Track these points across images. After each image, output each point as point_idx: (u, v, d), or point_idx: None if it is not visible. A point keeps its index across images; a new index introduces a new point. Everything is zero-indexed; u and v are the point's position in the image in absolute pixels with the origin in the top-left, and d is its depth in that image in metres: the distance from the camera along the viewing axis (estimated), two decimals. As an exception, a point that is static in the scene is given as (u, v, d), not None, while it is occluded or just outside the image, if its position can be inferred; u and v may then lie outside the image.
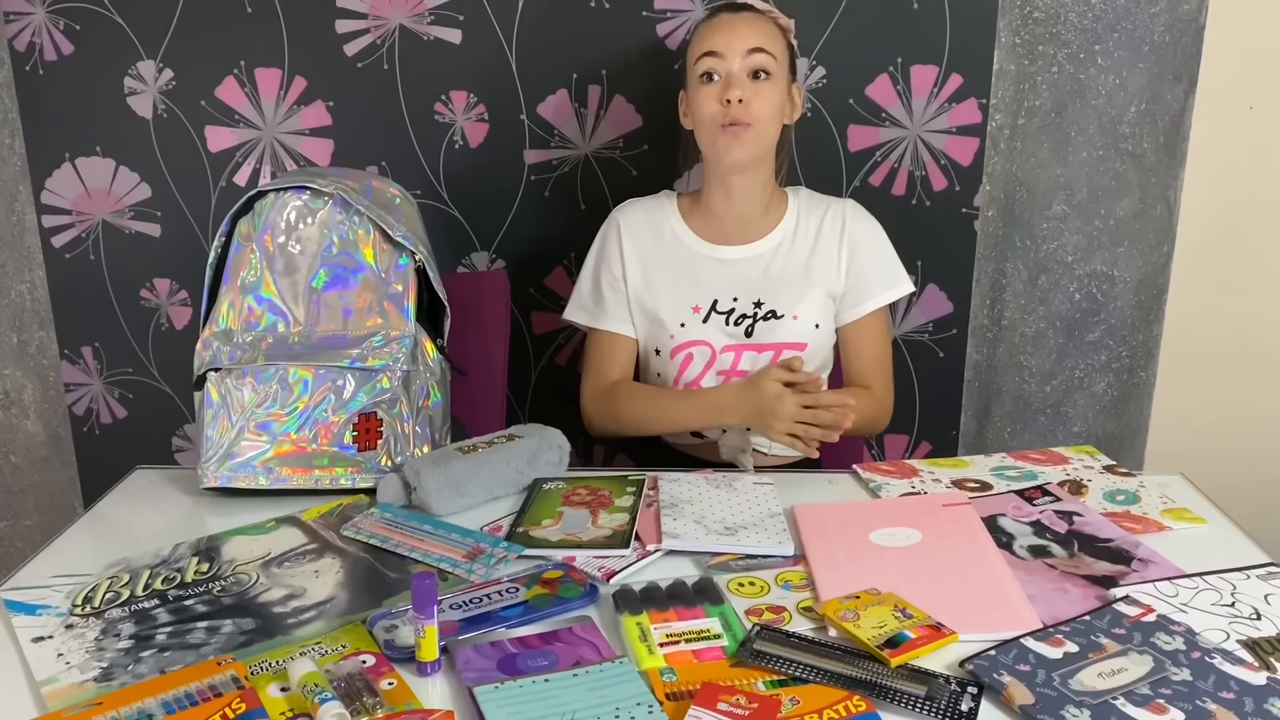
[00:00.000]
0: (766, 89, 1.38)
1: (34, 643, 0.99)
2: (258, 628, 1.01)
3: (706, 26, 1.42)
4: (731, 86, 1.37)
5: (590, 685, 0.90)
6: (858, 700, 0.88)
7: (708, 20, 1.44)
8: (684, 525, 1.18)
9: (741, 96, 1.36)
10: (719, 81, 1.39)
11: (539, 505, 1.25)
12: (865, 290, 1.46)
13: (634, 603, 1.03)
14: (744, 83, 1.38)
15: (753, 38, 1.38)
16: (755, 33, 1.39)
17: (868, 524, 1.18)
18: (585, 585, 1.06)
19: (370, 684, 0.91)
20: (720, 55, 1.38)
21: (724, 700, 0.87)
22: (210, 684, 0.91)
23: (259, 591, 1.07)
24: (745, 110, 1.36)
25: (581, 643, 0.98)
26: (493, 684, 0.90)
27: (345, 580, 1.10)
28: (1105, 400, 1.83)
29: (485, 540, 1.16)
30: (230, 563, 1.13)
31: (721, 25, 1.40)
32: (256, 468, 1.28)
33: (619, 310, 1.48)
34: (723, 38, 1.39)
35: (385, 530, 1.19)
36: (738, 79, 1.38)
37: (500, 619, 1.01)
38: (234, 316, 1.32)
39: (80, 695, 0.91)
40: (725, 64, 1.38)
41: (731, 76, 1.38)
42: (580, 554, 1.13)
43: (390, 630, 0.99)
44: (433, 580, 0.93)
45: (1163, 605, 0.99)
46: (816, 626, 1.00)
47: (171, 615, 1.03)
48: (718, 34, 1.40)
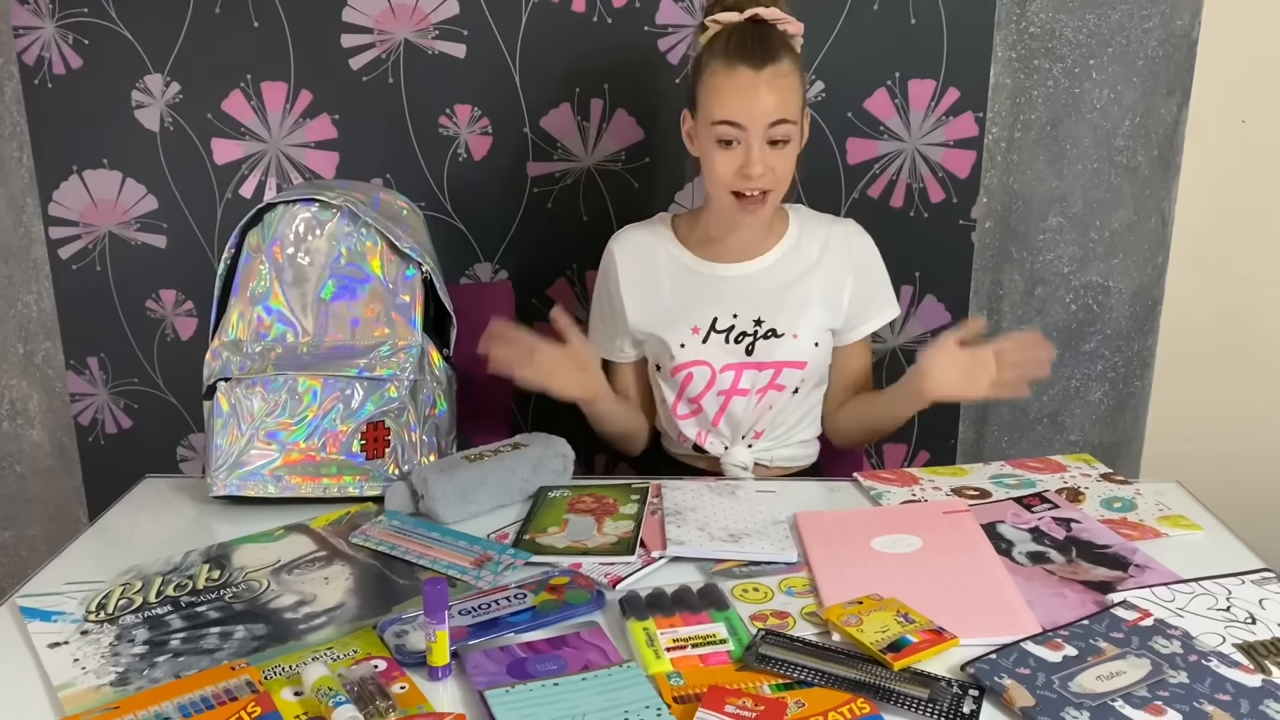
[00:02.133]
0: (786, 153, 1.35)
1: (50, 648, 1.00)
2: (270, 633, 1.03)
3: (725, 84, 1.32)
4: (753, 163, 1.32)
5: (599, 689, 0.92)
6: (861, 703, 0.90)
7: (726, 72, 1.32)
8: (688, 532, 1.20)
9: (763, 170, 1.33)
10: (738, 150, 1.33)
11: (545, 513, 1.26)
12: (865, 314, 1.48)
13: (640, 608, 1.05)
14: (765, 154, 1.33)
15: (775, 108, 1.31)
16: (777, 100, 1.31)
17: (869, 531, 1.19)
18: (592, 591, 1.08)
19: (382, 688, 0.92)
20: (741, 127, 1.32)
21: (731, 703, 0.88)
22: (225, 688, 0.92)
23: (270, 598, 1.09)
24: (764, 181, 1.34)
25: (589, 647, 0.99)
26: (504, 688, 0.92)
27: (355, 586, 1.11)
28: (1101, 409, 1.86)
29: (492, 547, 1.18)
30: (241, 570, 1.15)
31: (743, 90, 1.31)
32: (265, 476, 1.29)
33: (614, 341, 1.50)
34: (743, 106, 1.31)
35: (393, 537, 1.21)
36: (759, 153, 1.32)
37: (509, 624, 1.03)
38: (244, 327, 1.33)
39: (97, 699, 0.92)
40: (746, 134, 1.32)
41: (752, 151, 1.32)
42: (586, 560, 1.15)
43: (401, 635, 1.01)
44: (444, 586, 0.95)
45: (1160, 610, 1.01)
46: (820, 631, 1.02)
47: (184, 621, 1.05)
48: (738, 101, 1.31)
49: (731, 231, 1.44)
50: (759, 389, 1.43)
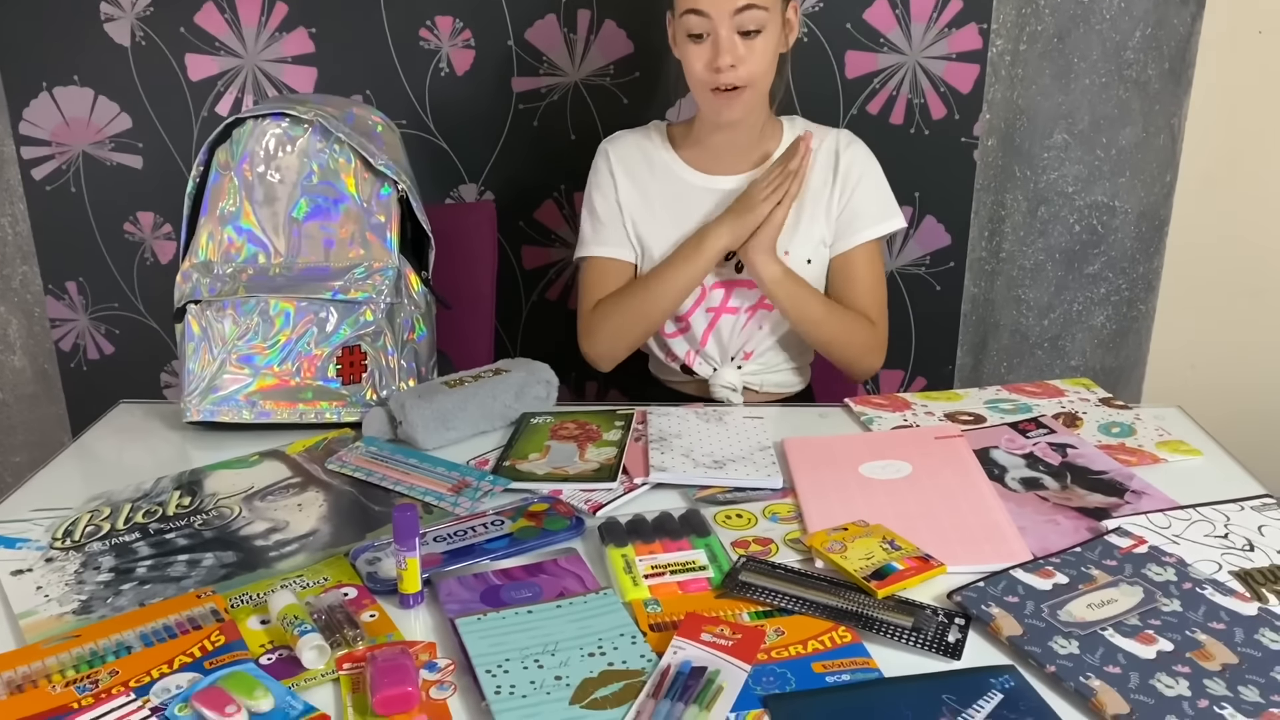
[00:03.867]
0: (759, 44, 1.29)
1: (12, 575, 0.98)
2: (239, 561, 1.00)
3: None
4: (721, 53, 1.28)
5: (574, 616, 0.89)
6: (843, 631, 0.87)
7: None
8: (672, 459, 1.16)
9: (732, 62, 1.28)
10: (706, 42, 1.29)
11: (526, 439, 1.23)
12: (857, 222, 1.42)
13: (620, 535, 1.02)
14: (733, 45, 1.28)
15: None
16: None
17: (857, 457, 1.16)
18: (571, 518, 1.05)
19: (351, 616, 0.90)
20: (705, 15, 1.27)
21: (708, 631, 0.86)
22: (190, 616, 0.90)
23: (241, 525, 1.06)
24: (735, 75, 1.29)
25: (566, 575, 0.97)
26: (475, 615, 0.89)
27: (329, 513, 1.08)
28: (1104, 334, 1.81)
29: (471, 474, 1.15)
30: (212, 496, 1.12)
31: None
32: (240, 401, 1.26)
33: (616, 233, 1.44)
34: None
35: (370, 464, 1.18)
36: (726, 42, 1.27)
37: (485, 551, 1.00)
38: (213, 248, 1.29)
39: (59, 627, 0.90)
40: (712, 24, 1.28)
41: (720, 40, 1.28)
42: (567, 487, 1.12)
43: (373, 563, 0.98)
44: (414, 512, 0.91)
45: (1155, 537, 0.98)
46: (803, 558, 0.99)
47: (152, 549, 1.02)
48: None
49: (717, 133, 1.39)
50: (748, 307, 1.38)
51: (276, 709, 0.79)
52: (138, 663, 0.84)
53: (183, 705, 0.79)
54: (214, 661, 0.84)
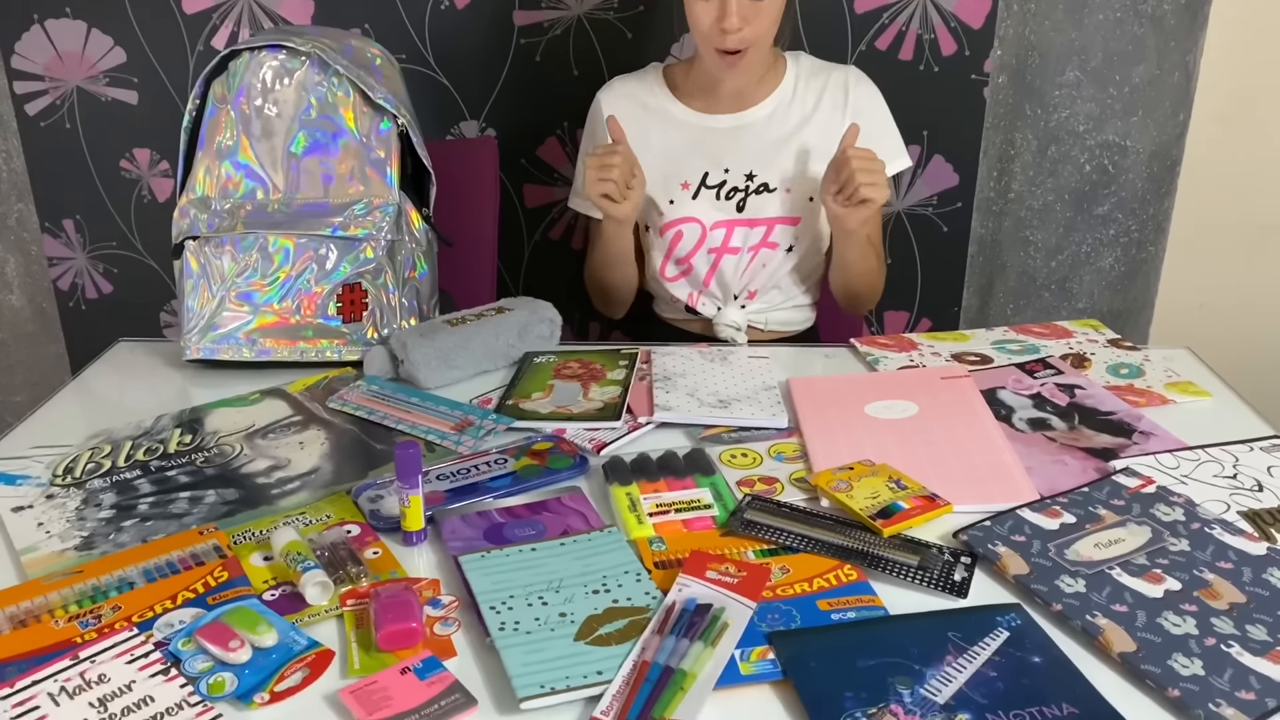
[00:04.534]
0: (766, 4, 1.26)
1: (13, 512, 0.97)
2: (241, 498, 0.99)
3: None
4: (728, 14, 1.24)
5: (578, 554, 0.89)
6: (849, 569, 0.87)
7: None
8: (676, 398, 1.15)
9: (739, 24, 1.24)
10: (715, 1, 1.26)
11: (529, 378, 1.22)
12: None
13: (624, 473, 1.01)
14: (743, 5, 1.24)
15: None
16: None
17: (863, 396, 1.15)
18: (575, 457, 1.04)
19: (354, 553, 0.89)
20: None
21: (713, 568, 0.85)
22: (192, 552, 0.90)
23: (242, 463, 1.06)
24: (741, 37, 1.26)
25: (570, 513, 0.96)
26: (479, 553, 0.89)
27: (330, 452, 1.08)
28: (1112, 276, 1.79)
29: (474, 413, 1.14)
30: (214, 434, 1.11)
31: None
32: (240, 339, 1.25)
33: None
34: None
35: (372, 403, 1.17)
36: (735, 4, 1.24)
37: (488, 489, 0.99)
38: (210, 183, 1.27)
39: (61, 564, 0.89)
40: None
41: (729, 1, 1.24)
42: (570, 426, 1.11)
43: (375, 500, 0.98)
44: (416, 449, 0.91)
45: (1163, 477, 0.97)
46: (809, 497, 0.98)
47: (153, 486, 1.02)
48: None
49: (719, 84, 1.36)
50: (750, 247, 1.36)
51: (280, 644, 0.79)
52: (140, 598, 0.84)
53: (186, 640, 0.79)
54: (217, 597, 0.84)
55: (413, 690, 0.74)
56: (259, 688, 0.75)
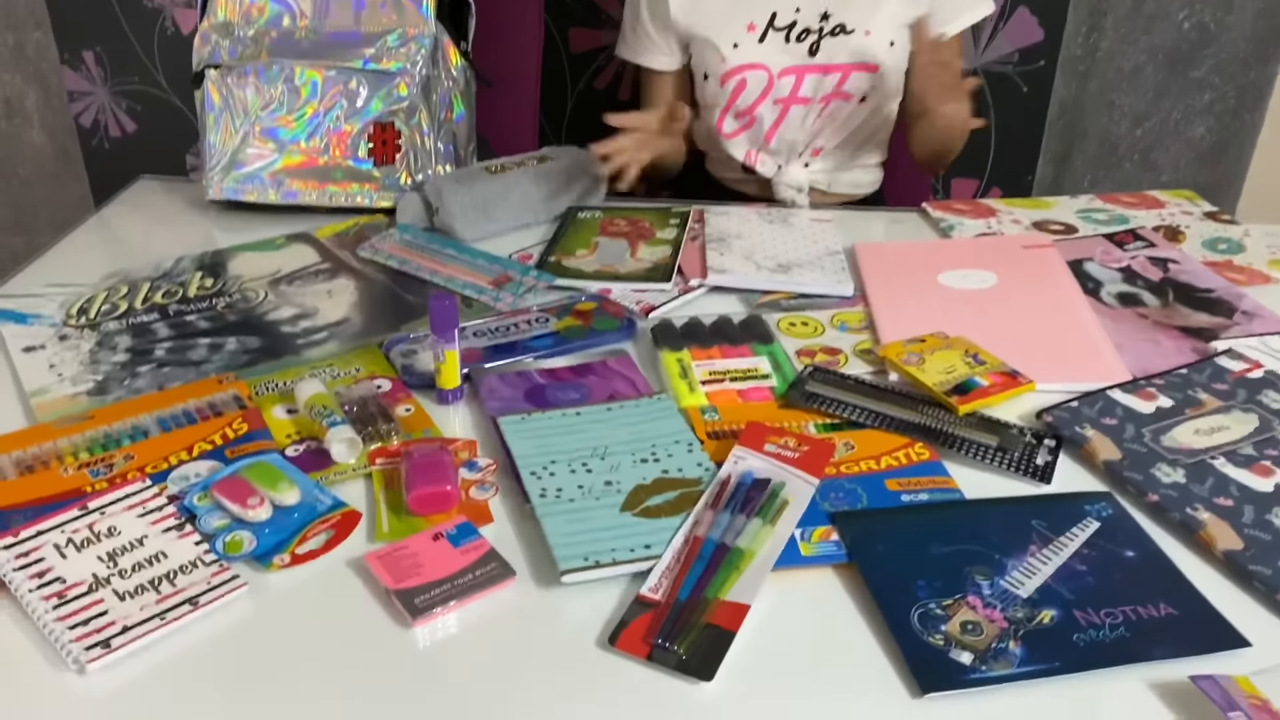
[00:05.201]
0: None
1: (24, 352, 0.91)
2: (264, 347, 0.93)
3: None
4: None
5: (625, 420, 0.82)
6: (920, 448, 0.79)
7: None
8: (732, 260, 1.06)
9: None
10: None
11: (573, 234, 1.13)
12: (946, 8, 1.25)
13: (674, 338, 0.93)
14: None
15: None
16: None
17: (937, 265, 1.06)
18: (621, 319, 0.97)
19: (385, 409, 0.83)
20: None
21: (771, 441, 0.78)
22: (211, 402, 0.83)
23: (267, 310, 0.99)
24: None
25: (616, 377, 0.89)
26: (519, 415, 0.82)
27: (361, 302, 1.00)
28: (1202, 147, 1.65)
29: (513, 268, 1.06)
30: (236, 279, 1.04)
31: None
32: (265, 180, 1.16)
33: (656, 41, 1.29)
34: None
35: (405, 252, 1.09)
36: None
37: (528, 349, 0.92)
38: (233, 7, 1.16)
39: (72, 408, 0.84)
40: None
41: None
42: (617, 286, 1.03)
43: (408, 355, 0.91)
44: (453, 302, 0.83)
45: (1271, 361, 0.88)
46: (875, 370, 0.90)
47: (171, 330, 0.95)
48: None
49: None
50: (822, 96, 1.24)
51: (303, 502, 0.73)
52: (155, 448, 0.78)
53: (202, 494, 0.73)
54: (236, 451, 0.78)
55: (445, 557, 0.68)
56: (279, 549, 0.70)
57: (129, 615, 0.63)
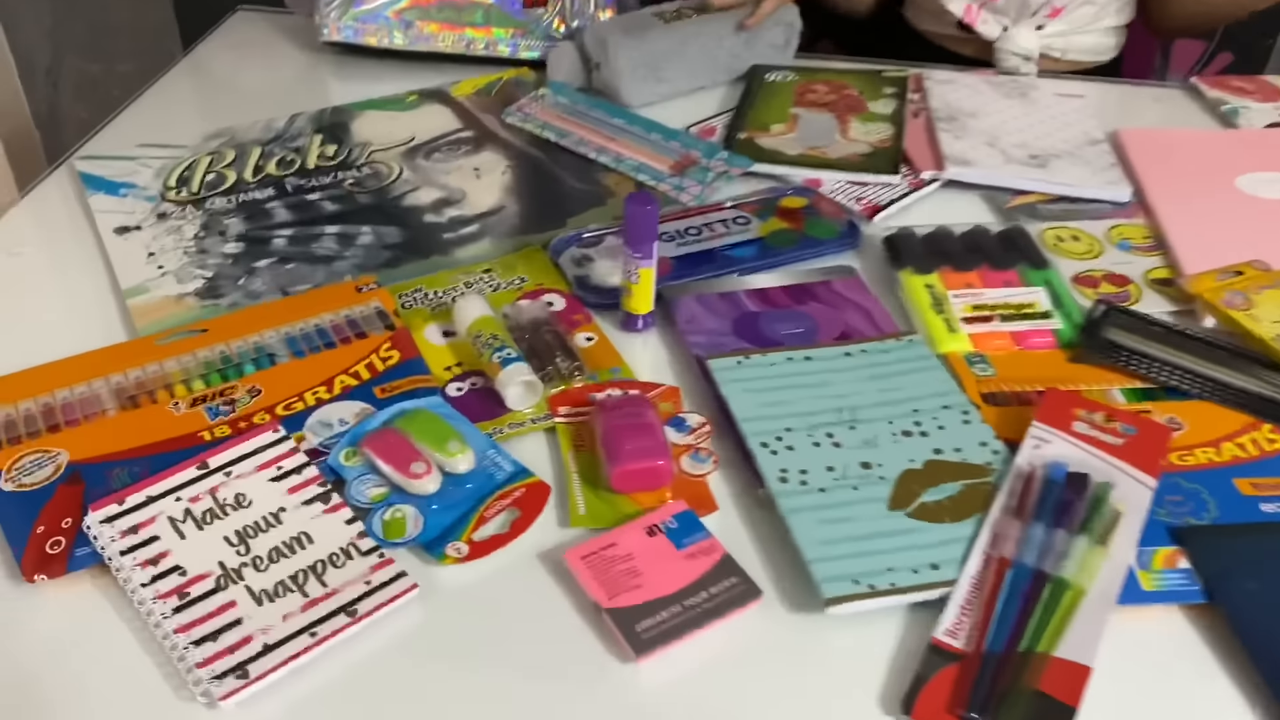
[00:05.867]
0: None
1: (117, 234, 0.75)
2: (405, 241, 0.75)
3: None
4: None
5: (871, 371, 0.63)
6: (1270, 431, 0.60)
7: None
8: (973, 146, 0.85)
9: None
10: None
11: (764, 103, 0.92)
12: None
13: (917, 254, 0.73)
14: None
15: None
16: None
17: (1232, 164, 0.83)
18: (842, 222, 0.77)
19: (563, 338, 0.66)
20: None
21: (1080, 418, 0.60)
22: (349, 317, 0.67)
23: (404, 190, 0.81)
24: None
25: (846, 305, 0.70)
26: (732, 356, 0.64)
27: (515, 185, 0.82)
28: None
29: (696, 145, 0.86)
30: (363, 147, 0.85)
31: None
32: (390, 19, 0.96)
33: None
34: None
35: (562, 120, 0.89)
36: None
37: (728, 261, 0.73)
38: None
39: (178, 315, 0.67)
40: None
41: None
42: (828, 177, 0.83)
43: (582, 263, 0.72)
44: (654, 208, 0.64)
45: None
46: (1180, 310, 0.70)
47: (291, 212, 0.78)
48: None
49: None
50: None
51: (478, 469, 0.57)
52: (284, 379, 0.62)
53: (350, 451, 0.57)
54: (387, 389, 0.62)
55: (668, 563, 0.52)
56: (452, 533, 0.54)
57: (269, 627, 0.49)
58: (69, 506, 0.54)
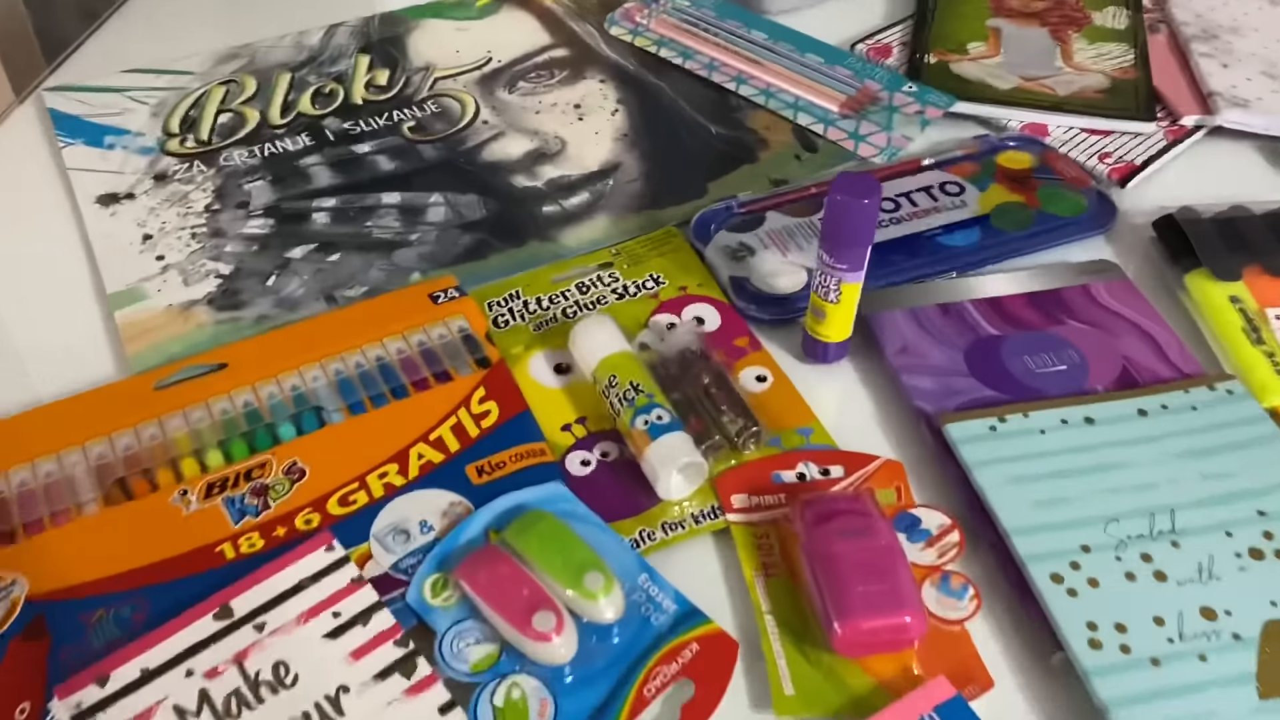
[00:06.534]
0: None
1: (100, 206, 0.55)
2: (491, 217, 0.55)
3: None
4: None
5: (1182, 442, 0.43)
6: None
7: None
8: (1248, 78, 0.63)
9: None
10: None
11: (952, 11, 0.70)
12: None
13: (1212, 247, 0.52)
14: None
15: None
16: None
17: None
18: (1087, 192, 0.56)
19: (728, 383, 0.46)
20: None
21: None
22: (425, 344, 0.47)
23: (483, 138, 0.60)
24: None
25: (1118, 325, 0.49)
26: (983, 419, 0.44)
27: (631, 130, 0.61)
28: None
29: (873, 73, 0.64)
30: (425, 73, 0.64)
31: None
32: (452, -106, 0.73)
33: None
34: None
35: (687, 35, 0.67)
36: None
37: (941, 252, 0.53)
38: None
39: (186, 338, 0.48)
40: None
41: None
42: (1055, 121, 0.61)
43: (740, 255, 0.52)
44: (876, 199, 0.43)
45: None
46: None
47: (335, 172, 0.57)
48: None
49: None
50: None
51: (629, 619, 0.38)
52: (337, 448, 0.43)
53: (438, 580, 0.39)
54: (485, 467, 0.42)
55: (938, 798, 0.34)
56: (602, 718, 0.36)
57: None
58: (27, 678, 0.36)
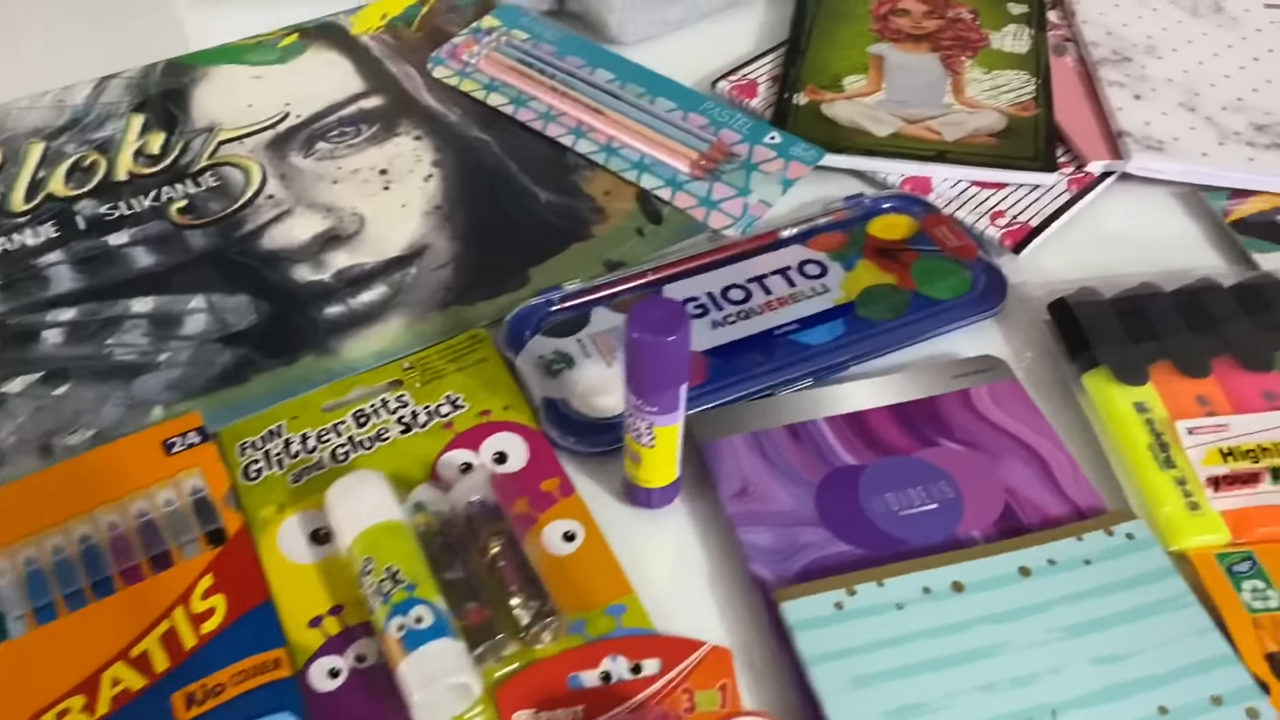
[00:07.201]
0: None
1: None
2: (263, 323, 0.45)
3: None
4: None
5: (1073, 610, 0.36)
6: None
7: None
8: (1163, 114, 0.54)
9: None
10: None
11: (829, 32, 0.61)
12: None
13: (1112, 337, 0.44)
14: None
15: None
16: None
17: None
18: (972, 263, 0.47)
19: (520, 554, 0.37)
20: None
21: None
22: (146, 515, 0.38)
23: (267, 218, 0.50)
24: None
25: (1003, 444, 0.41)
26: (827, 592, 0.36)
27: (447, 201, 0.51)
28: None
29: (731, 120, 0.55)
30: (208, 134, 0.54)
31: None
32: (253, -89, 0.63)
33: None
34: None
35: (519, 77, 0.58)
36: None
37: (798, 353, 0.44)
38: None
39: None
40: None
41: None
42: (942, 175, 0.52)
43: (556, 367, 0.43)
44: (684, 333, 0.34)
45: None
46: None
47: (80, 273, 0.48)
48: None
49: None
50: None
51: None
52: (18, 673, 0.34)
53: None
54: (199, 693, 0.33)
55: None
56: None
57: None
58: None
